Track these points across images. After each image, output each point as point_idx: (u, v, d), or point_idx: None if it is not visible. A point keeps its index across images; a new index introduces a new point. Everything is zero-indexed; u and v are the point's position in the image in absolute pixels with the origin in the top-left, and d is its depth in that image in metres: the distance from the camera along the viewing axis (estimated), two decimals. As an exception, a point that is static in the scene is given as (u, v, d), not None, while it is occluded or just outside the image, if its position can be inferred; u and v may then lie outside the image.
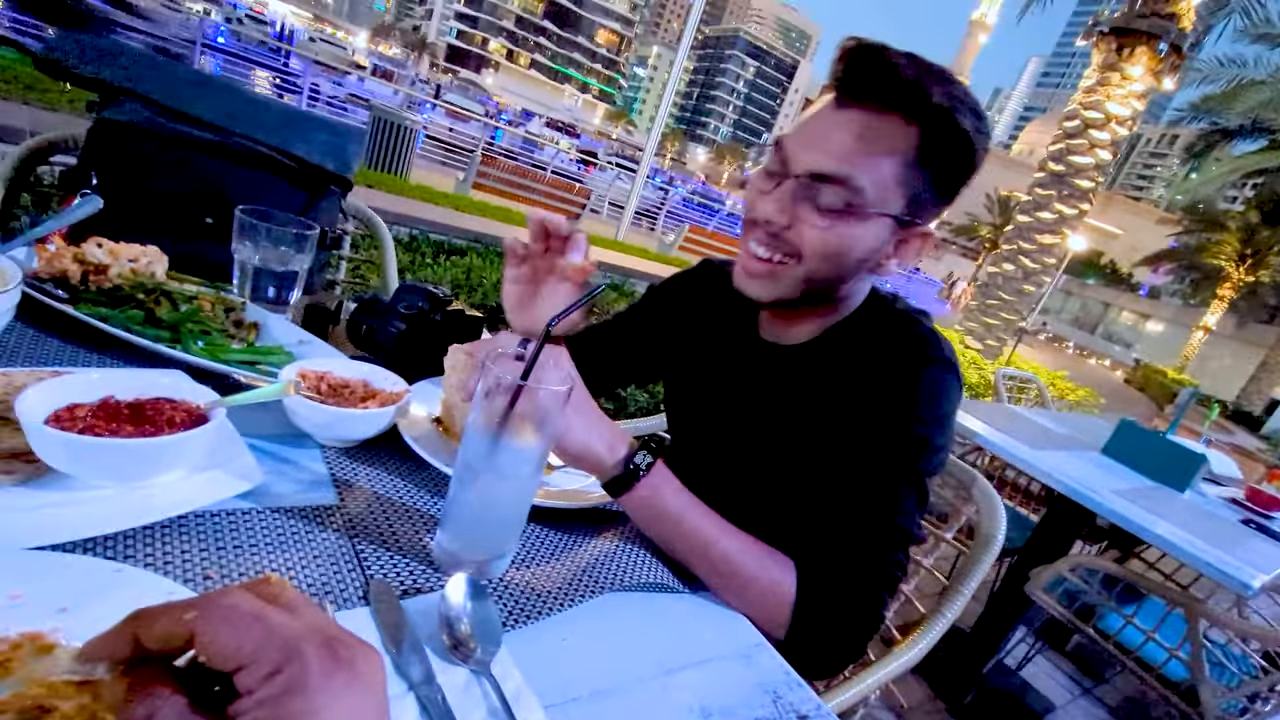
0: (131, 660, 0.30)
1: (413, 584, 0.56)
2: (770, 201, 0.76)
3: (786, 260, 0.77)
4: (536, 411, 0.57)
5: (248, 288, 0.88)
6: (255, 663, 0.27)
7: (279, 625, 0.29)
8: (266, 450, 0.66)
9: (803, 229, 0.75)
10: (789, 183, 0.74)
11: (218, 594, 0.30)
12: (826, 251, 0.75)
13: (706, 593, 0.71)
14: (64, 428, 0.49)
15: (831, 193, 0.72)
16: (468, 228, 5.15)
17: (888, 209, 0.73)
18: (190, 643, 0.28)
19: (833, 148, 0.72)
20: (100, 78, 1.00)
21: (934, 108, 0.70)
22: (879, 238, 0.75)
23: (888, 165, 0.72)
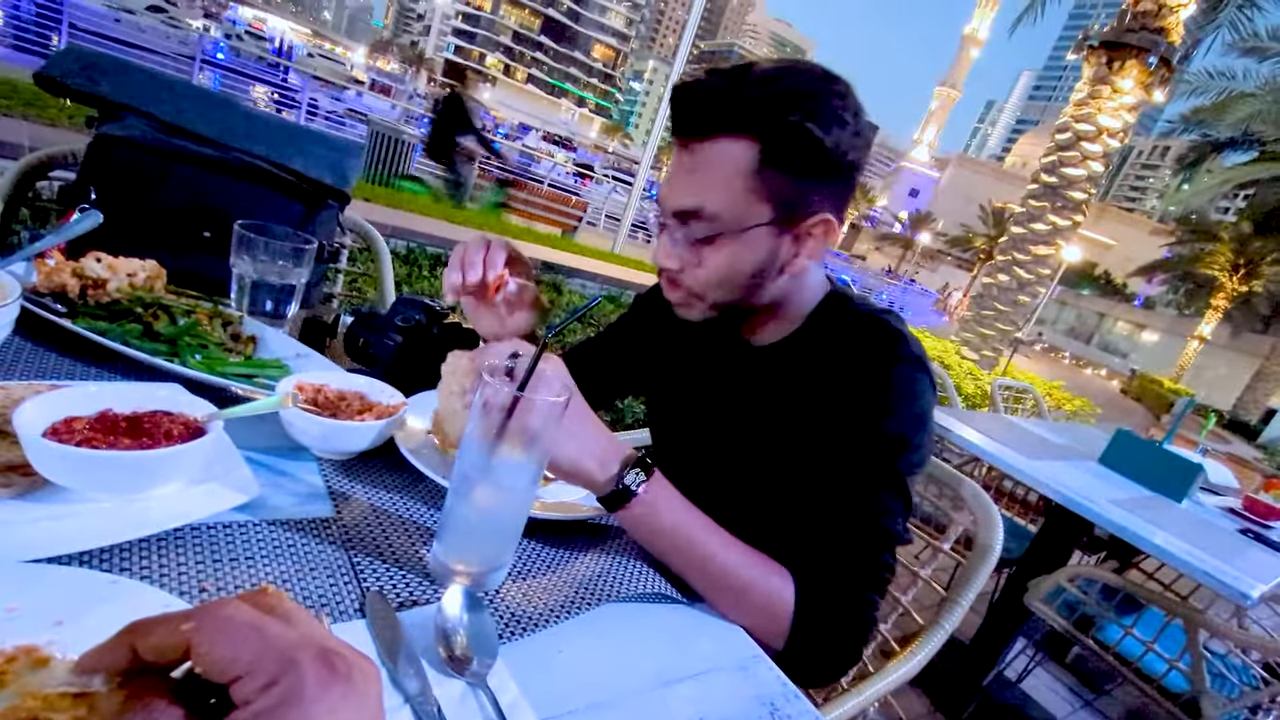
0: (128, 672, 0.30)
1: (409, 596, 0.56)
2: (659, 250, 0.81)
3: (692, 299, 0.82)
4: (532, 423, 0.57)
5: (245, 301, 0.88)
6: (252, 674, 0.27)
7: (276, 636, 0.29)
8: (263, 463, 0.66)
9: (689, 269, 0.79)
10: (664, 229, 0.79)
11: (214, 605, 0.30)
12: (716, 280, 0.79)
13: (703, 603, 0.70)
14: (61, 440, 0.49)
15: (695, 226, 0.76)
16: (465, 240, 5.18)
17: (753, 221, 0.75)
18: (187, 654, 0.28)
19: (679, 186, 0.76)
20: (98, 93, 1.01)
21: (753, 115, 0.71)
22: (763, 248, 0.77)
23: (733, 182, 0.73)
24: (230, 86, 10.42)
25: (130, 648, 0.29)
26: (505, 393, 0.56)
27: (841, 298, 0.87)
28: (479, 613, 0.53)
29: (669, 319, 1.03)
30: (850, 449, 0.75)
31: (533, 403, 0.56)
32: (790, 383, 0.84)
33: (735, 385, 0.90)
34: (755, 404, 0.87)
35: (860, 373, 0.77)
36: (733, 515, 0.74)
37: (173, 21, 14.17)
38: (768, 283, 0.80)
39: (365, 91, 16.13)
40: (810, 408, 0.80)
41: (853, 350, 0.80)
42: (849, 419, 0.76)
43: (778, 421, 0.84)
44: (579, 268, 6.49)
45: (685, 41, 9.41)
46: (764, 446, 0.85)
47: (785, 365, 0.86)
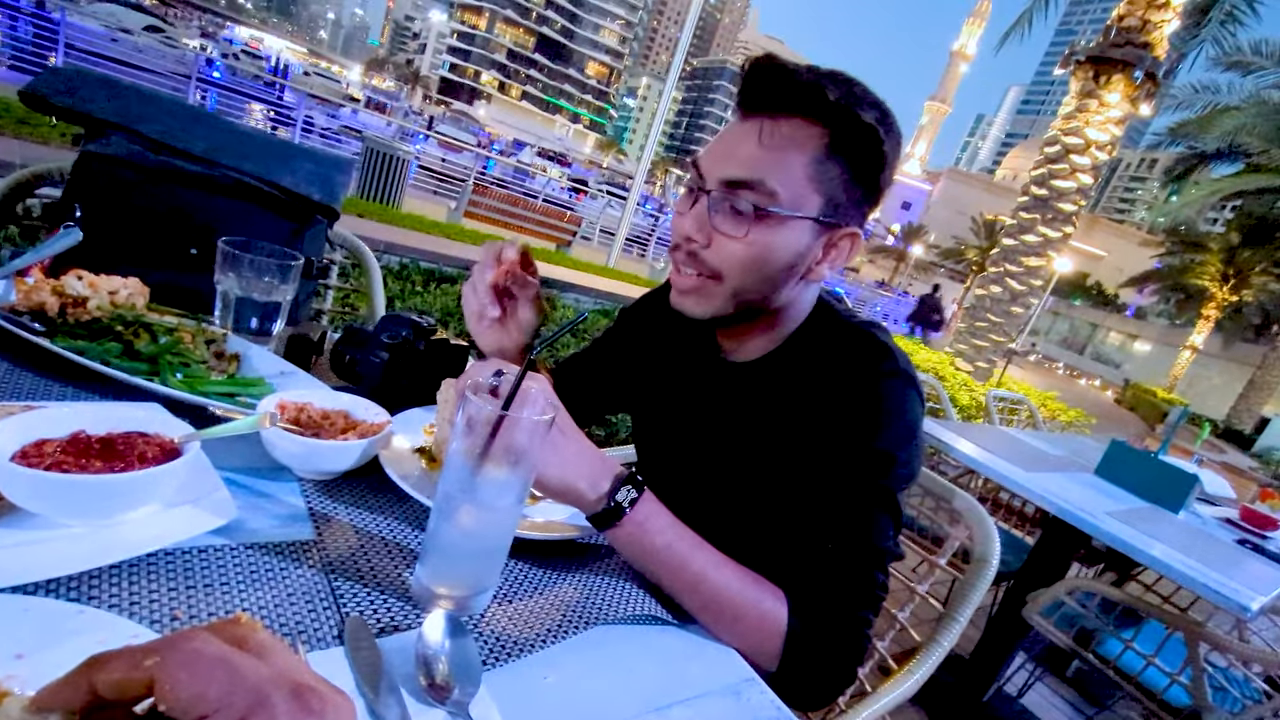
0: (87, 709, 0.29)
1: (390, 622, 0.54)
2: (689, 218, 0.77)
3: (710, 280, 0.78)
4: (518, 441, 0.56)
5: (230, 319, 0.87)
6: (219, 712, 0.26)
7: (245, 672, 0.27)
8: (243, 484, 0.64)
9: (722, 245, 0.75)
10: (704, 197, 0.76)
11: (180, 636, 0.28)
12: (748, 262, 0.75)
13: (695, 625, 0.69)
14: (30, 464, 0.48)
15: (745, 198, 0.73)
16: (459, 256, 5.18)
17: (804, 211, 0.74)
18: (150, 690, 0.27)
19: (741, 155, 0.74)
20: (84, 110, 1.01)
21: (833, 105, 0.71)
22: (801, 242, 0.76)
23: (796, 165, 0.73)
24: (227, 105, 10.45)
25: (89, 684, 0.28)
26: (489, 411, 0.54)
27: (829, 310, 0.86)
28: (462, 638, 0.51)
29: (651, 333, 1.02)
30: (840, 466, 0.74)
31: (517, 420, 0.55)
32: (775, 399, 0.83)
33: (717, 402, 0.89)
34: (739, 421, 0.86)
35: (848, 388, 0.76)
36: (721, 534, 0.73)
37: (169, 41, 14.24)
38: (789, 284, 0.78)
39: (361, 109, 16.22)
40: (797, 424, 0.79)
41: (840, 365, 0.78)
42: (838, 435, 0.75)
43: (763, 439, 0.83)
44: (574, 282, 6.49)
45: (678, 58, 9.50)
46: (750, 464, 0.84)
47: (770, 381, 0.84)
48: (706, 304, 0.80)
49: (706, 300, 0.79)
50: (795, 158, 0.72)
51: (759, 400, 0.84)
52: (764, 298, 0.79)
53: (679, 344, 0.97)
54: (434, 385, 0.90)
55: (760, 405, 0.84)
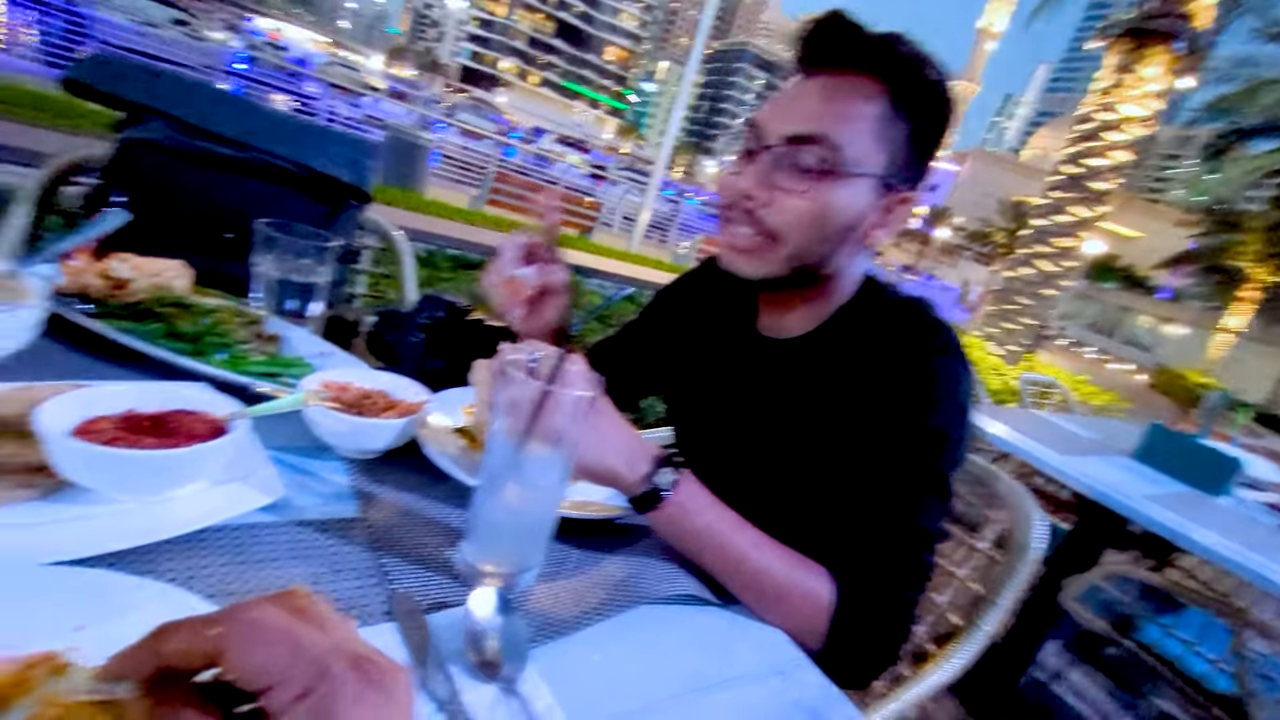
0: (154, 679, 0.29)
1: (438, 598, 0.54)
2: (748, 175, 0.76)
3: (767, 239, 0.76)
4: (560, 418, 0.55)
5: (268, 300, 0.88)
6: (283, 683, 0.26)
7: (307, 644, 0.27)
8: (287, 462, 0.64)
9: (783, 202, 0.74)
10: (765, 153, 0.74)
11: (243, 607, 0.28)
12: (809, 220, 0.74)
13: (739, 605, 0.68)
14: (87, 441, 0.48)
15: (809, 153, 0.72)
16: (483, 242, 5.20)
17: (868, 168, 0.73)
18: (215, 660, 0.27)
19: (806, 110, 0.73)
20: (123, 95, 1.02)
21: (902, 61, 0.71)
22: (862, 202, 0.75)
23: (862, 121, 0.72)
24: (252, 96, 10.57)
25: (157, 653, 0.28)
26: (532, 388, 0.54)
27: (876, 285, 0.85)
28: (510, 616, 0.51)
29: (686, 314, 1.01)
30: (891, 445, 0.73)
31: (560, 397, 0.54)
32: (821, 376, 0.81)
33: (758, 381, 0.87)
34: (782, 400, 0.84)
35: (901, 364, 0.75)
36: (762, 513, 0.72)
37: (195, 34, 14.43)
38: (844, 248, 0.77)
39: (383, 98, 16.30)
40: (845, 402, 0.77)
41: (892, 341, 0.77)
42: (889, 413, 0.73)
43: (808, 417, 0.81)
44: (596, 268, 6.49)
45: (699, 41, 9.37)
46: (794, 443, 0.82)
47: (814, 358, 0.83)
48: (761, 264, 0.78)
49: (762, 260, 0.78)
50: (861, 114, 0.72)
51: (803, 378, 0.83)
52: (820, 260, 0.78)
53: (716, 324, 0.95)
54: (469, 366, 0.90)
55: (805, 383, 0.82)
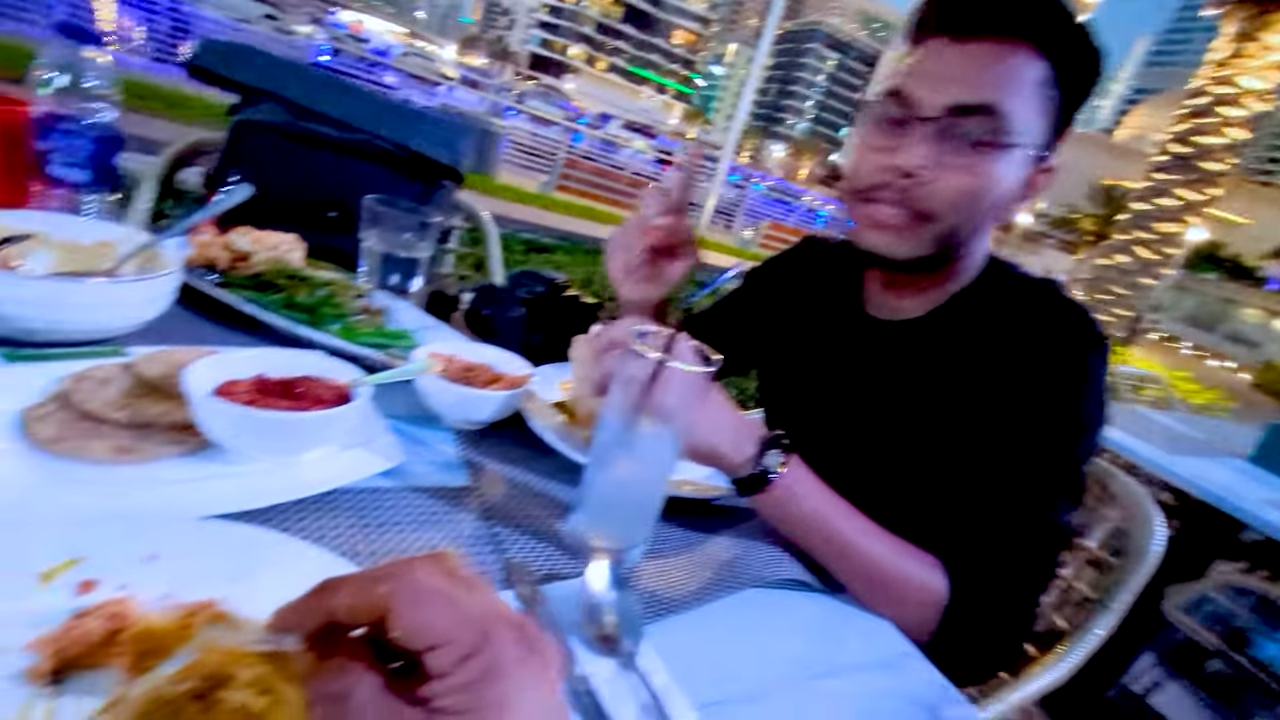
0: (317, 633, 0.29)
1: (550, 569, 0.54)
2: (904, 153, 0.70)
3: (920, 219, 0.72)
4: (673, 394, 0.54)
5: (374, 275, 0.90)
6: (449, 644, 0.26)
7: (470, 606, 0.27)
8: (399, 430, 0.66)
9: (945, 178, 0.70)
10: (923, 127, 0.69)
11: (404, 567, 0.28)
12: (969, 197, 0.70)
13: (845, 593, 0.66)
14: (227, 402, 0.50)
15: (977, 125, 0.68)
16: (555, 226, 5.26)
17: (1028, 139, 0.69)
18: (381, 617, 0.27)
19: (970, 78, 0.68)
20: (239, 79, 1.06)
21: (1064, 29, 0.67)
22: (1018, 175, 0.71)
23: (1027, 90, 0.68)
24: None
25: (323, 609, 0.28)
26: (647, 364, 0.53)
27: (1002, 265, 0.79)
28: (624, 591, 0.50)
29: (787, 292, 0.98)
30: (1029, 434, 0.68)
31: (674, 374, 0.53)
32: (942, 360, 0.76)
33: (867, 363, 0.84)
34: (895, 384, 0.80)
35: (1047, 352, 0.70)
36: (863, 500, 0.69)
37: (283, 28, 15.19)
38: (992, 221, 0.74)
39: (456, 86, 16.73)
40: (972, 387, 0.73)
41: (1034, 326, 0.72)
42: (1031, 401, 0.69)
43: (926, 402, 0.77)
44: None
45: (771, 22, 9.13)
46: (907, 428, 0.78)
47: (933, 341, 0.78)
48: (910, 244, 0.74)
49: (911, 240, 0.73)
50: (1026, 82, 0.68)
51: (920, 361, 0.78)
52: (966, 238, 0.74)
53: (818, 303, 0.92)
54: (567, 341, 0.90)
55: (921, 367, 0.78)
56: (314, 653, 0.29)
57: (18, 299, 0.56)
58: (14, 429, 0.47)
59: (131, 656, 0.33)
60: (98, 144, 0.73)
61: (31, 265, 0.65)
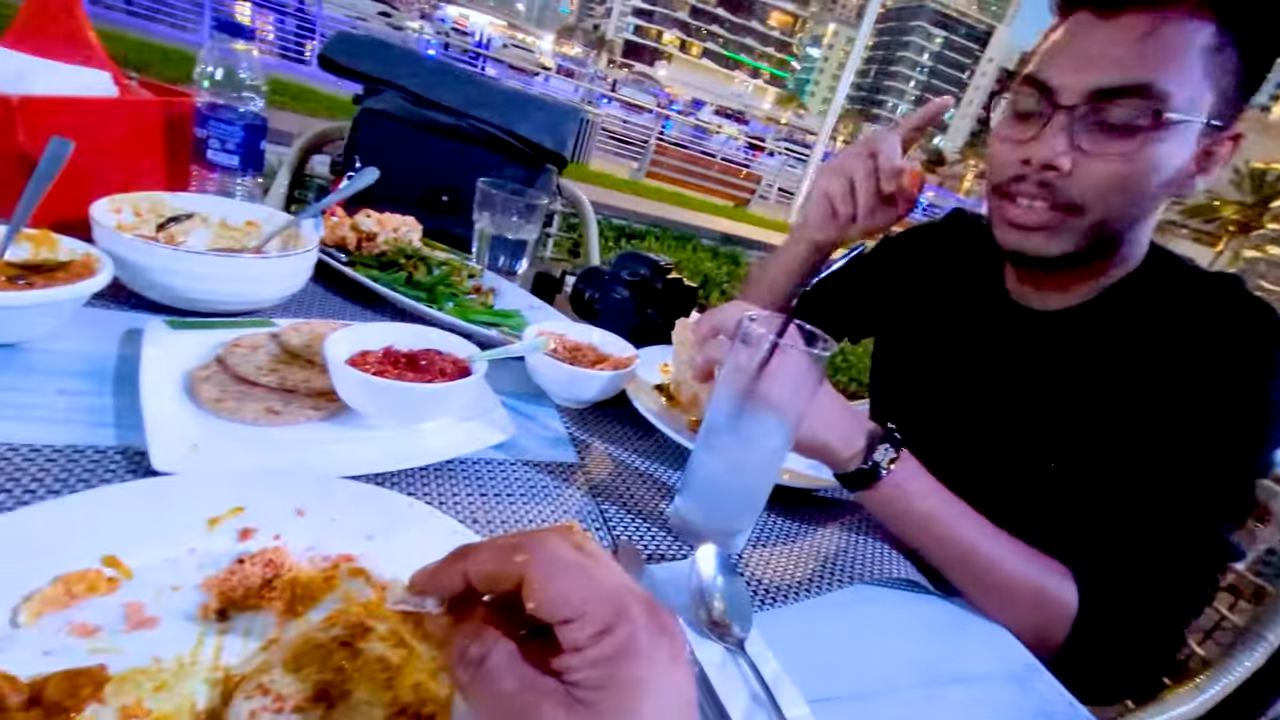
0: (456, 597, 0.30)
1: (656, 551, 0.54)
2: (1042, 144, 0.65)
3: (1067, 213, 0.66)
4: (786, 382, 0.52)
5: (483, 255, 0.93)
6: (584, 618, 0.26)
7: (605, 581, 0.27)
8: (509, 405, 0.68)
9: (1091, 169, 0.63)
10: (1061, 116, 0.63)
11: (540, 538, 0.29)
12: (1123, 186, 0.63)
13: (960, 598, 0.62)
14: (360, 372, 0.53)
15: (1126, 109, 0.61)
16: (646, 213, 5.28)
17: (1196, 112, 0.61)
18: (518, 586, 0.27)
19: (1116, 57, 0.61)
20: (363, 70, 1.13)
21: None
22: (1183, 152, 0.63)
23: (1192, 58, 0.60)
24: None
25: (463, 574, 0.29)
26: (760, 349, 0.51)
27: (1168, 255, 0.72)
28: (733, 577, 0.50)
29: (920, 270, 0.92)
30: (1202, 441, 0.61)
31: (788, 361, 0.51)
32: (1102, 355, 0.70)
33: (1008, 355, 0.78)
34: (1044, 378, 0.74)
35: (1228, 351, 0.63)
36: (986, 501, 0.64)
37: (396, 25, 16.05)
38: (1156, 207, 0.67)
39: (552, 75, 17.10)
40: (1136, 386, 0.66)
41: (1216, 325, 0.65)
42: (1205, 403, 0.62)
43: (1077, 399, 0.70)
44: (755, 239, 6.35)
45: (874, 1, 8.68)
46: (1050, 426, 0.72)
47: (1092, 334, 0.72)
48: (1059, 242, 0.68)
49: (1060, 237, 0.68)
50: (1190, 50, 0.60)
51: (1072, 356, 0.72)
52: (1126, 227, 0.68)
53: (955, 285, 0.86)
54: (668, 324, 0.90)
55: (1073, 362, 0.72)
56: (452, 616, 0.30)
57: (181, 272, 0.62)
58: (183, 389, 0.52)
59: (284, 602, 0.36)
60: (247, 131, 0.80)
61: (193, 242, 0.72)
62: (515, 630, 0.29)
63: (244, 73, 0.78)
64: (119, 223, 0.65)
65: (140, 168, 0.79)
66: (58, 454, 0.43)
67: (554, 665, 0.26)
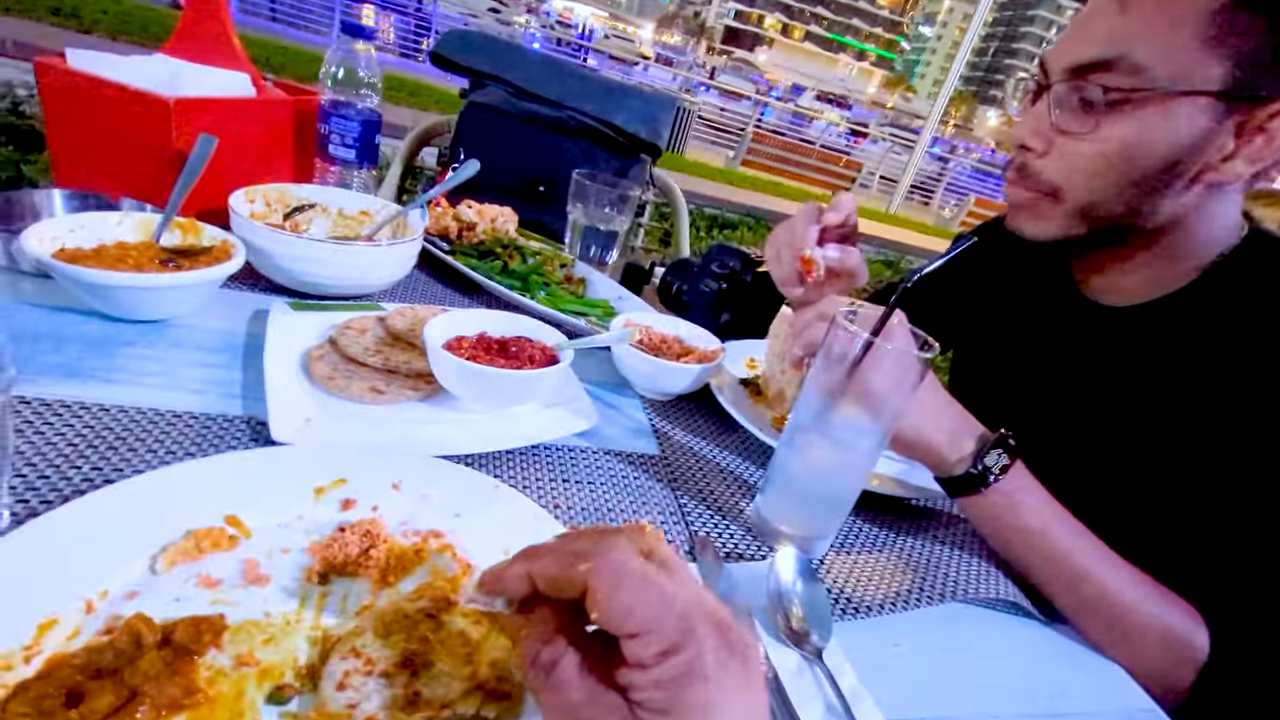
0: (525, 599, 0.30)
1: (734, 549, 0.54)
2: (1021, 124, 0.63)
3: (1045, 196, 0.63)
4: (885, 377, 0.49)
5: (575, 246, 0.95)
6: (649, 634, 0.25)
7: (672, 596, 0.26)
8: (594, 394, 0.69)
9: (1062, 149, 0.61)
10: (1047, 95, 0.61)
11: (607, 544, 0.28)
12: (1096, 167, 0.59)
13: (1066, 625, 0.57)
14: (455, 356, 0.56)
15: (1099, 84, 0.57)
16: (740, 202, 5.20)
17: (1194, 84, 0.54)
18: (582, 594, 0.27)
19: (1095, 30, 0.58)
20: (469, 65, 1.17)
21: None
22: (1189, 130, 0.56)
23: (1181, 25, 0.54)
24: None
25: (529, 578, 0.29)
26: (855, 343, 0.49)
27: (1270, 240, 0.63)
28: (813, 583, 0.48)
29: (991, 267, 0.85)
30: None
31: (885, 355, 0.49)
32: (1188, 354, 0.62)
33: (1082, 357, 0.71)
34: (1122, 380, 0.67)
35: None
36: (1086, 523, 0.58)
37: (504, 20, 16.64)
38: (1171, 191, 0.59)
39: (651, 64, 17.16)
40: (1232, 391, 0.58)
41: None
42: None
43: (1164, 405, 0.63)
44: (853, 232, 6.09)
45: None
46: (1139, 439, 0.65)
47: (1175, 330, 0.64)
48: (1042, 225, 0.66)
49: (1042, 221, 0.65)
50: (1178, 15, 0.54)
51: (1152, 355, 0.65)
52: (1132, 212, 0.61)
53: (1028, 281, 0.79)
54: (758, 318, 0.88)
55: (1154, 362, 0.64)
56: (522, 617, 0.30)
57: (301, 258, 0.67)
58: (300, 366, 0.57)
59: (379, 571, 0.39)
60: (363, 126, 0.85)
61: (314, 230, 0.77)
62: (583, 630, 0.29)
63: (363, 71, 0.83)
64: (252, 211, 0.71)
65: (272, 161, 0.86)
66: (194, 420, 0.48)
67: (619, 679, 0.26)
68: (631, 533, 0.30)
